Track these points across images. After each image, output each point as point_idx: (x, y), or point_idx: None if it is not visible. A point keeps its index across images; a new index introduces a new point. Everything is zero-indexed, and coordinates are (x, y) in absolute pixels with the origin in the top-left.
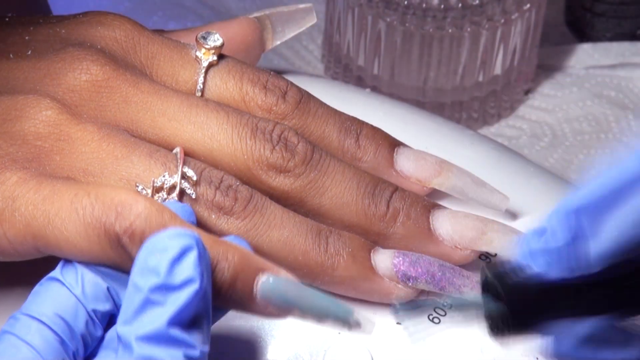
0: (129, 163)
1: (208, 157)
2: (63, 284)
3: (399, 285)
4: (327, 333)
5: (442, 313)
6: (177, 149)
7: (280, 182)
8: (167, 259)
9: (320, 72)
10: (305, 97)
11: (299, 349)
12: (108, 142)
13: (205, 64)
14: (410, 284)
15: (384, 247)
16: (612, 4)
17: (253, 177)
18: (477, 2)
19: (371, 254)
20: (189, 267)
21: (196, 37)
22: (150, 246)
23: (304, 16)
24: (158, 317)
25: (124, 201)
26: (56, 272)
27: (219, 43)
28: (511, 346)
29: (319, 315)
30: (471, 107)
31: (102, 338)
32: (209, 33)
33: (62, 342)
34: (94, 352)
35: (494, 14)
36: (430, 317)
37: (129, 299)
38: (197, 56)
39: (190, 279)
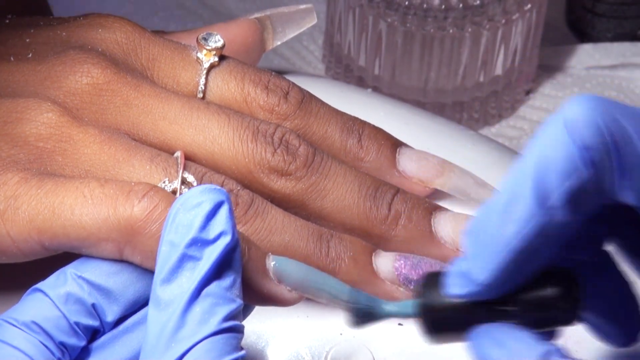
0: (130, 167)
1: (209, 160)
2: (46, 294)
3: (401, 289)
4: (329, 334)
5: None
6: (178, 153)
7: (281, 185)
8: (202, 214)
9: (321, 72)
10: (307, 98)
11: (301, 350)
12: (109, 145)
13: (206, 65)
14: (411, 287)
15: (386, 249)
16: (613, 4)
17: (254, 180)
18: (478, 2)
19: (373, 258)
20: (222, 220)
21: (197, 38)
22: (183, 202)
23: (304, 17)
24: (197, 272)
25: (136, 181)
26: (42, 284)
27: (220, 44)
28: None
29: (333, 294)
30: (472, 108)
31: (85, 349)
32: (209, 34)
33: (46, 347)
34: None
35: (494, 15)
36: None
37: (165, 258)
38: (198, 58)
39: (224, 231)
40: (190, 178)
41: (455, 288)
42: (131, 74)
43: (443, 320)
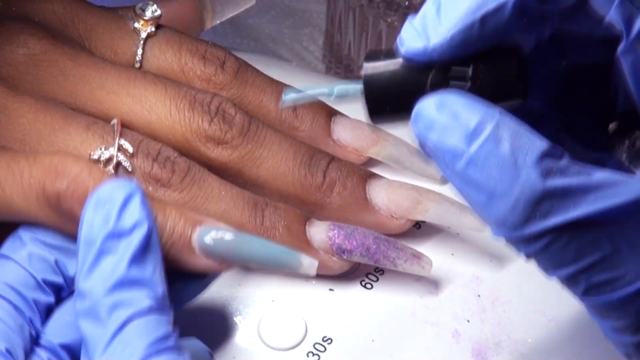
0: (66, 135)
1: (147, 129)
2: (10, 258)
3: (334, 258)
4: (261, 301)
5: (375, 279)
6: (114, 121)
7: (218, 153)
8: (115, 208)
9: (322, 72)
10: (243, 67)
11: (233, 317)
12: (45, 114)
13: (143, 35)
14: (345, 256)
15: (321, 217)
16: None
17: (191, 148)
18: None
19: (307, 227)
20: (136, 211)
21: (134, 8)
22: (95, 199)
23: None
24: (116, 264)
25: (63, 161)
26: (3, 249)
27: (157, 14)
28: (440, 308)
29: (263, 263)
30: None
31: (52, 307)
32: (146, 4)
33: (17, 308)
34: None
35: None
36: (363, 283)
37: (84, 255)
38: (135, 27)
39: (138, 221)
40: (126, 145)
41: (409, 41)
42: (68, 44)
43: (389, 91)
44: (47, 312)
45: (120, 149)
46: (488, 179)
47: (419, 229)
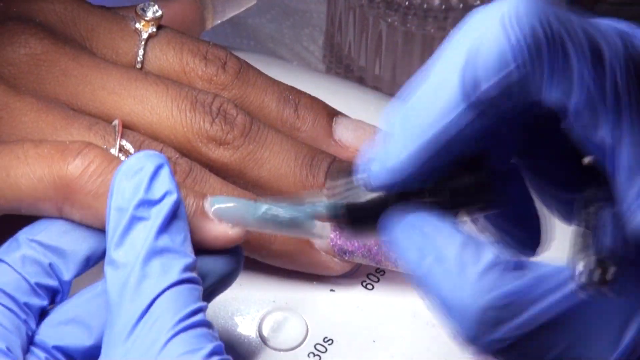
0: (68, 135)
1: (148, 130)
2: (3, 261)
3: (336, 259)
4: (262, 301)
5: (376, 279)
6: (116, 122)
7: (219, 154)
8: (146, 177)
9: (322, 72)
10: (245, 67)
11: (234, 318)
12: (47, 114)
13: (144, 35)
14: (346, 257)
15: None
16: (614, 4)
17: (193, 149)
18: (478, 2)
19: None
20: (165, 181)
21: (135, 9)
22: (126, 168)
23: None
24: (148, 232)
25: (72, 142)
26: None
27: (158, 15)
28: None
29: (276, 222)
30: None
31: (46, 310)
32: (148, 5)
33: (11, 311)
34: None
35: None
36: (364, 284)
37: (114, 223)
38: (136, 28)
39: (169, 190)
40: (128, 146)
41: (370, 175)
42: (69, 45)
43: (360, 216)
44: (41, 315)
45: (122, 149)
46: (437, 296)
47: None
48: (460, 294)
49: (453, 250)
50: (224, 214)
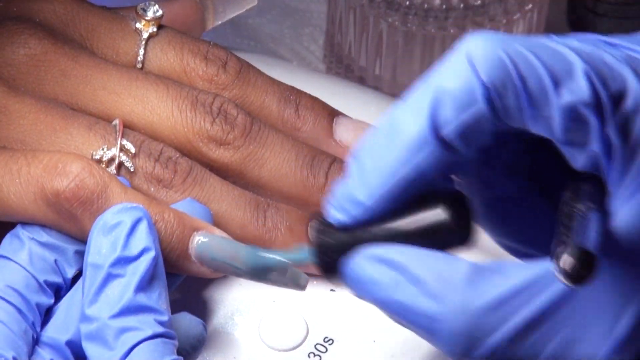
0: (68, 135)
1: (148, 130)
2: (11, 259)
3: None
4: (262, 302)
5: None
6: (116, 121)
7: (220, 154)
8: (123, 233)
9: (322, 72)
10: (245, 67)
11: (234, 318)
12: (46, 114)
13: (145, 35)
14: None
15: None
16: (614, 4)
17: (193, 149)
18: (479, 2)
19: (308, 228)
20: (143, 237)
21: (136, 8)
22: (102, 224)
23: None
24: (124, 289)
25: (63, 159)
26: (2, 250)
27: (158, 14)
28: None
29: (255, 274)
30: None
31: (51, 308)
32: (148, 4)
33: (20, 312)
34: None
35: (495, 15)
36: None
37: (90, 279)
38: (137, 28)
39: (146, 247)
40: (128, 145)
41: (340, 213)
42: (69, 45)
43: (336, 258)
44: (46, 313)
45: (122, 149)
46: (418, 319)
47: None
48: (443, 310)
49: (427, 270)
50: (206, 260)
